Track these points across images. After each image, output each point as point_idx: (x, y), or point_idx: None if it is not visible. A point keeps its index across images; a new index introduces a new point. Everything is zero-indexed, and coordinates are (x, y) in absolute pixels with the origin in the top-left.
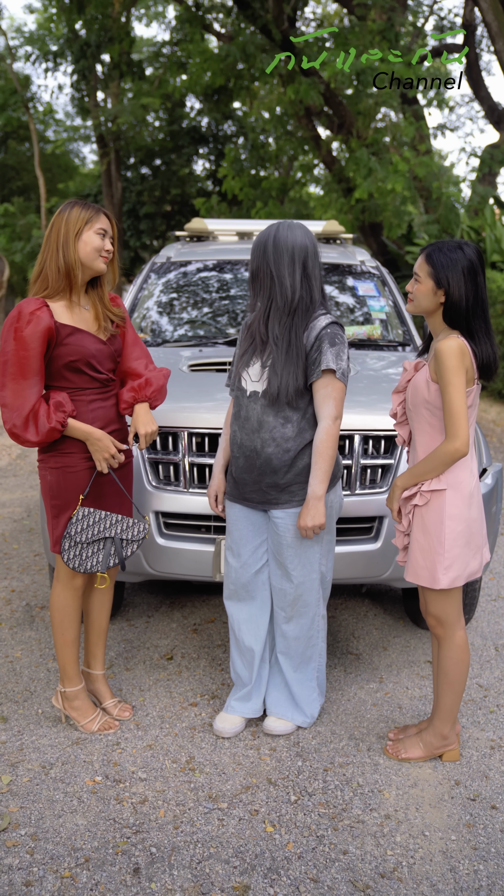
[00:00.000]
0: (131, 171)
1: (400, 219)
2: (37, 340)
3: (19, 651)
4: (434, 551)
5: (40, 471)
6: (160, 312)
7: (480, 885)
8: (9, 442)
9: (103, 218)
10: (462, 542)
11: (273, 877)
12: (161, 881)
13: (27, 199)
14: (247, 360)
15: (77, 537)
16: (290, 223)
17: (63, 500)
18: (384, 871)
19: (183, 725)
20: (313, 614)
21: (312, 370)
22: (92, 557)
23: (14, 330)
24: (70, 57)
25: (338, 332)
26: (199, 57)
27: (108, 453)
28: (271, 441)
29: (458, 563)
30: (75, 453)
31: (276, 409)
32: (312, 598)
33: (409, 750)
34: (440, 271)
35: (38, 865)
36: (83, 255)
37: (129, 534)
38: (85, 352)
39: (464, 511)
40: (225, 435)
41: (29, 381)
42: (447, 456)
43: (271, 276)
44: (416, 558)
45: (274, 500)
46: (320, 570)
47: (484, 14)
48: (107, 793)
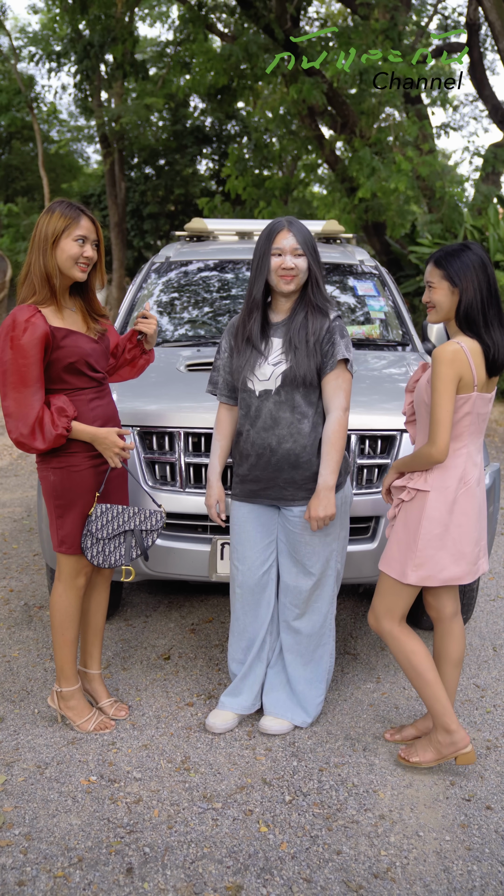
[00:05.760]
0: (135, 170)
1: (403, 218)
2: (35, 347)
3: (17, 651)
4: (408, 547)
5: (41, 472)
6: (159, 312)
7: (474, 885)
8: (9, 442)
9: (83, 223)
10: (437, 545)
11: (266, 877)
12: (154, 881)
13: (31, 200)
14: (252, 365)
15: (98, 534)
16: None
17: (67, 500)
18: (378, 872)
19: (179, 725)
20: (326, 611)
21: (326, 361)
22: (115, 552)
23: (10, 339)
24: (74, 57)
25: (343, 325)
26: (203, 57)
27: (117, 447)
28: (289, 437)
29: (431, 564)
30: (78, 453)
31: (291, 406)
32: (328, 593)
33: (420, 753)
34: (451, 271)
35: (31, 865)
36: (60, 262)
37: (147, 524)
38: (82, 352)
39: (444, 515)
40: (218, 442)
41: (30, 388)
42: (423, 458)
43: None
44: (391, 549)
45: (290, 497)
46: (336, 567)
47: (487, 13)
48: (101, 792)
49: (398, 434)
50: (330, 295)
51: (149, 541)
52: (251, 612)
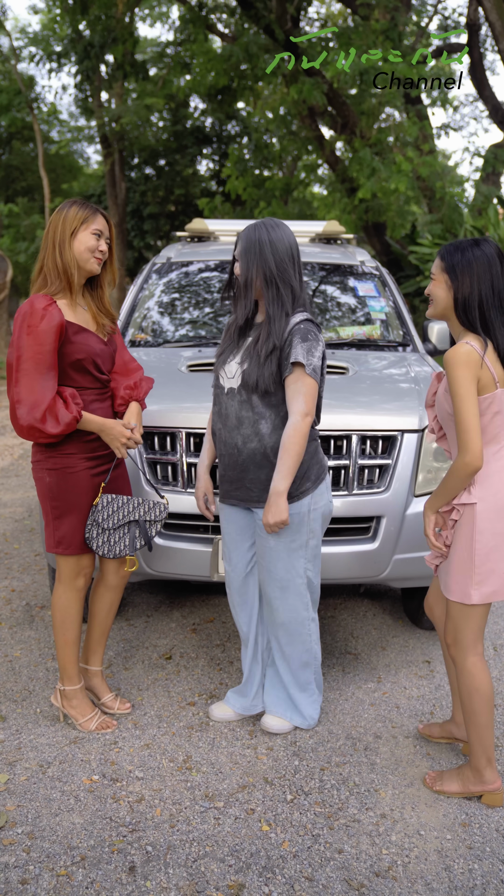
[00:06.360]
0: (135, 171)
1: (403, 219)
2: (51, 335)
3: (18, 650)
4: (466, 566)
5: (36, 472)
6: (161, 313)
7: (475, 883)
8: (11, 442)
9: (100, 219)
10: (495, 558)
11: (268, 875)
12: (156, 879)
13: (31, 200)
14: (224, 358)
15: (104, 524)
16: (275, 221)
17: (64, 502)
18: (379, 870)
19: (180, 725)
20: (302, 618)
21: (285, 365)
22: (119, 542)
23: (28, 326)
24: (74, 57)
25: (311, 328)
26: (203, 57)
27: (125, 437)
28: (253, 436)
29: (494, 579)
30: (75, 454)
31: (250, 406)
32: (300, 602)
33: (446, 783)
34: (452, 265)
35: (34, 863)
36: (77, 254)
37: (151, 515)
38: (91, 350)
39: (496, 525)
40: (208, 435)
41: (45, 375)
42: (460, 471)
43: (277, 277)
44: (451, 573)
45: (257, 499)
46: (306, 575)
47: (487, 13)
48: (103, 791)
49: (399, 434)
50: (306, 296)
51: (152, 531)
52: (241, 612)
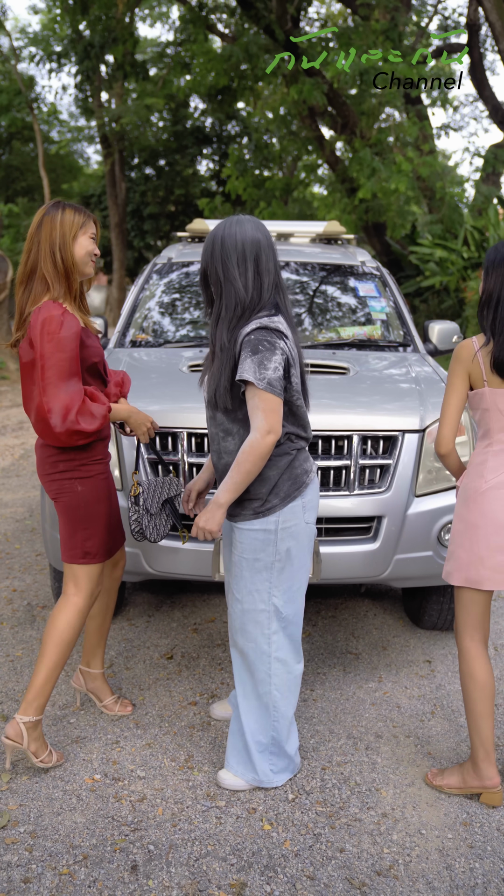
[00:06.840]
0: (135, 171)
1: (403, 219)
2: (73, 341)
3: (20, 650)
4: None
5: (61, 484)
6: (161, 313)
7: (476, 882)
8: (11, 442)
9: (92, 223)
10: (458, 542)
11: (270, 874)
12: (158, 878)
13: (31, 200)
14: (205, 367)
15: (152, 509)
16: (239, 218)
17: (95, 510)
18: (380, 869)
19: (182, 724)
20: (262, 652)
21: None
22: (164, 524)
23: (48, 333)
24: (74, 58)
25: (263, 337)
26: (203, 57)
27: (149, 422)
28: (224, 452)
29: (454, 560)
30: (103, 459)
31: (216, 422)
32: (257, 631)
33: (446, 777)
34: (487, 263)
35: (36, 862)
36: (78, 259)
37: (175, 490)
38: (100, 353)
39: (462, 512)
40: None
41: (69, 381)
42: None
43: (221, 277)
44: None
45: (231, 512)
46: (273, 602)
47: (488, 14)
48: (105, 791)
49: (400, 434)
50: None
51: (180, 507)
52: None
